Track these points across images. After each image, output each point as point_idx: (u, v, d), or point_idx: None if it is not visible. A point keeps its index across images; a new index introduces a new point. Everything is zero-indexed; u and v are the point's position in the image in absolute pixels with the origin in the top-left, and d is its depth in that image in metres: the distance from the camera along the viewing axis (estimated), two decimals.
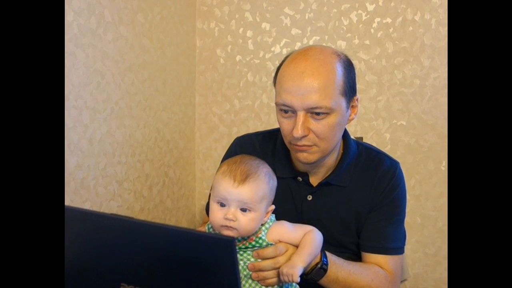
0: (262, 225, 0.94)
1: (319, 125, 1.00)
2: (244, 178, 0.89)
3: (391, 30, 1.80)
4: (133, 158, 1.58)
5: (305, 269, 0.93)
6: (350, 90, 1.03)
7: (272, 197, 0.95)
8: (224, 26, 1.99)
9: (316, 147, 1.03)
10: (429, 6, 1.76)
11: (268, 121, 1.97)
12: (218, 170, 0.94)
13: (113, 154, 1.47)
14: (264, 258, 0.92)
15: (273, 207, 0.96)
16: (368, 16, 1.82)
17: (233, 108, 2.02)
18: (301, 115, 0.99)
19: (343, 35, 1.85)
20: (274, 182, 0.96)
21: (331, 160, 1.12)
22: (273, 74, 1.94)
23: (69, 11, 1.24)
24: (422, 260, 1.87)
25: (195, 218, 2.09)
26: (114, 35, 1.44)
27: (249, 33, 1.96)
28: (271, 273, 0.91)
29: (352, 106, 1.07)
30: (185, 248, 0.76)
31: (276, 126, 1.22)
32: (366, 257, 1.10)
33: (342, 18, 1.85)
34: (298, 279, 0.87)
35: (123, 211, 1.53)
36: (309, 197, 1.12)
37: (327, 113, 0.99)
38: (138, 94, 1.59)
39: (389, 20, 1.80)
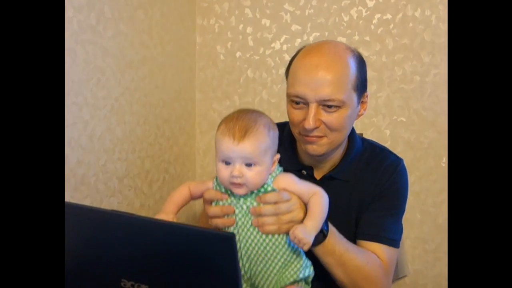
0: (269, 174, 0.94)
1: (330, 117, 1.02)
2: (243, 134, 0.88)
3: (391, 26, 1.80)
4: (133, 155, 1.58)
5: None
6: (361, 86, 1.06)
7: (275, 147, 0.95)
8: (224, 23, 1.98)
9: (326, 138, 1.04)
10: (429, 2, 1.76)
11: None
12: (217, 129, 0.93)
13: (113, 150, 1.47)
14: (266, 203, 0.91)
15: (278, 156, 0.95)
16: (368, 12, 1.82)
17: (233, 105, 2.02)
18: (313, 107, 1.01)
19: (343, 31, 1.85)
20: (275, 132, 0.95)
21: (337, 155, 1.13)
22: (273, 71, 1.95)
23: (68, 7, 1.23)
24: (422, 256, 1.87)
25: (195, 214, 2.09)
26: (114, 32, 1.44)
27: (249, 30, 1.95)
28: (271, 219, 0.90)
29: (362, 102, 1.09)
30: (186, 244, 0.76)
31: (277, 121, 1.22)
32: (361, 245, 1.09)
33: (342, 14, 1.84)
34: (307, 249, 0.87)
35: (123, 208, 1.54)
36: None
37: (338, 106, 1.01)
38: (138, 90, 1.59)
39: (389, 16, 1.80)
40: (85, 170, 1.34)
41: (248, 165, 0.89)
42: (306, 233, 0.87)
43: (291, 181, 0.95)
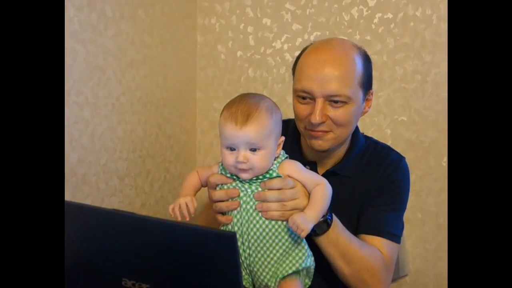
0: (275, 159, 0.95)
1: (336, 113, 1.03)
2: (246, 119, 0.89)
3: (392, 25, 1.80)
4: (134, 154, 1.59)
5: None
6: (367, 82, 1.07)
7: (279, 130, 0.96)
8: (225, 22, 1.98)
9: (332, 133, 1.05)
10: (430, 1, 1.75)
11: None
12: (220, 115, 0.94)
13: (114, 149, 1.48)
14: (270, 189, 0.92)
15: (283, 138, 0.96)
16: (369, 11, 1.81)
17: None
18: (319, 102, 1.02)
19: (344, 30, 1.85)
20: (277, 115, 0.96)
21: (341, 151, 1.14)
22: (274, 70, 1.95)
23: (69, 7, 1.24)
24: (422, 255, 1.87)
25: (196, 213, 2.09)
26: (115, 31, 1.44)
27: (250, 29, 1.95)
28: (275, 206, 0.91)
29: (367, 99, 1.10)
30: (187, 243, 0.76)
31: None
32: (363, 239, 1.09)
33: (343, 13, 1.84)
34: (305, 236, 0.88)
35: (124, 207, 1.54)
36: None
37: (345, 102, 1.02)
38: (139, 89, 1.59)
39: (390, 15, 1.80)
40: (86, 169, 1.35)
41: (253, 149, 0.90)
42: (304, 220, 0.87)
43: (296, 169, 0.96)
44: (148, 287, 0.79)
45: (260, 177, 0.93)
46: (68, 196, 1.26)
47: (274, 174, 0.93)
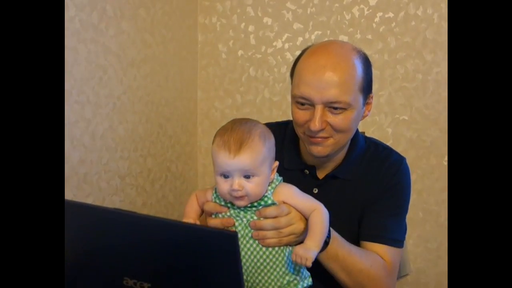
0: (269, 184, 0.94)
1: (336, 119, 1.01)
2: (239, 147, 0.88)
3: (393, 24, 1.80)
4: (135, 153, 1.59)
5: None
6: (367, 87, 1.05)
7: (272, 155, 0.94)
8: (226, 21, 1.98)
9: (332, 139, 1.03)
10: (431, 0, 1.75)
11: (270, 116, 1.97)
12: (213, 142, 0.92)
13: (116, 149, 1.48)
14: (265, 217, 0.91)
15: (277, 163, 0.95)
16: (370, 10, 1.81)
17: (235, 103, 2.02)
18: (319, 108, 1.00)
19: (345, 29, 1.85)
20: (270, 140, 0.94)
21: (341, 155, 1.12)
22: (275, 69, 1.95)
23: (71, 6, 1.24)
24: (423, 254, 1.87)
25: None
26: (116, 30, 1.44)
27: (251, 28, 1.95)
28: (271, 233, 0.90)
29: (367, 103, 1.08)
30: (188, 242, 0.76)
31: (279, 120, 1.22)
32: (365, 246, 1.09)
33: (344, 12, 1.84)
34: (311, 264, 0.86)
35: (125, 206, 1.54)
36: (315, 190, 1.11)
37: (344, 108, 1.00)
38: (140, 89, 1.59)
39: (391, 14, 1.80)
40: (87, 168, 1.35)
41: (247, 176, 0.89)
42: (306, 250, 0.86)
43: (291, 194, 0.94)
44: (149, 286, 0.79)
45: (255, 204, 0.91)
46: (70, 195, 1.27)
47: (269, 202, 0.92)
